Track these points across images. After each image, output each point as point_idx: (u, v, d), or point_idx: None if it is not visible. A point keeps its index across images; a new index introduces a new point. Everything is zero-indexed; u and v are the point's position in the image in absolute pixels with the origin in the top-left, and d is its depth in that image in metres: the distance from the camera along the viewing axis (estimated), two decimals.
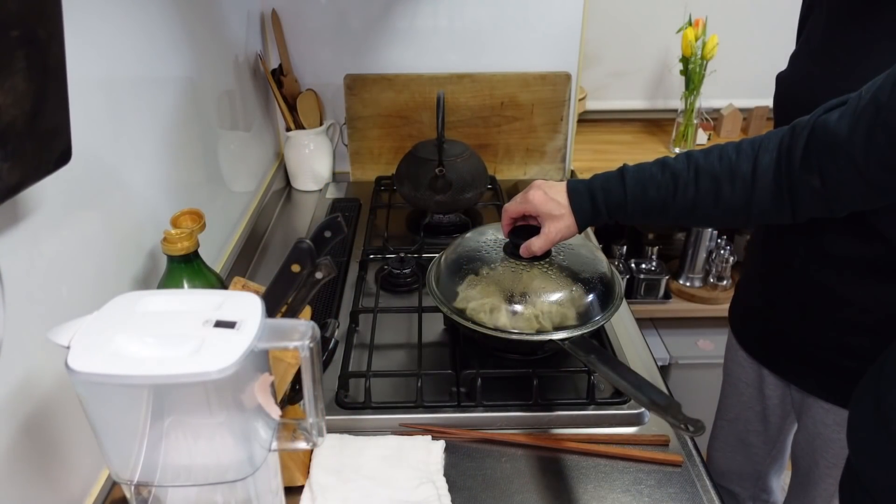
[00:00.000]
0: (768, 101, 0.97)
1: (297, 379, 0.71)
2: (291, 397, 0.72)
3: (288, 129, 1.51)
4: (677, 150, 1.80)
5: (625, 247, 1.94)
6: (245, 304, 0.54)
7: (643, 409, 0.86)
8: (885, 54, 0.78)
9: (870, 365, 0.80)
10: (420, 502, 0.71)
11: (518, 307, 0.89)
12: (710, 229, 1.82)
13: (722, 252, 1.85)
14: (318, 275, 0.65)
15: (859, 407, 0.77)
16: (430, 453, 0.78)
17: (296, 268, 0.64)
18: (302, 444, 0.60)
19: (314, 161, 1.55)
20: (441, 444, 0.80)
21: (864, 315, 0.88)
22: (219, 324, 0.52)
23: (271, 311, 0.63)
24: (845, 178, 0.68)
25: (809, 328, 0.95)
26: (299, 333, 0.54)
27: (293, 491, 0.73)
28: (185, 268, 0.81)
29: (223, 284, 0.88)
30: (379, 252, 1.23)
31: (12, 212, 0.60)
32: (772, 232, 0.99)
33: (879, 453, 0.71)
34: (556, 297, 0.90)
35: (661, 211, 0.79)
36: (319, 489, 0.73)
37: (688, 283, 1.90)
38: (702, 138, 1.84)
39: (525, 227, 0.89)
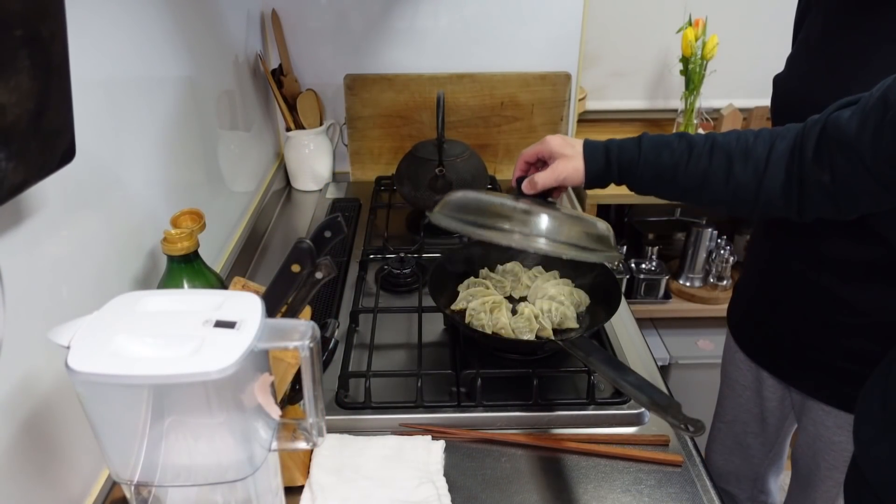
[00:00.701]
0: (768, 101, 0.97)
1: (297, 379, 0.71)
2: (291, 397, 0.72)
3: (288, 129, 1.52)
4: None
5: (625, 247, 1.94)
6: (245, 304, 0.54)
7: (643, 409, 0.86)
8: (886, 58, 0.77)
9: (870, 367, 0.80)
10: (420, 502, 0.71)
11: (518, 306, 0.89)
12: (709, 229, 1.82)
13: (722, 252, 1.85)
14: (318, 275, 0.65)
15: (866, 406, 0.77)
16: (430, 453, 0.78)
17: (296, 268, 0.64)
18: (302, 444, 0.60)
19: (314, 161, 1.55)
20: (441, 444, 0.80)
21: (864, 318, 0.88)
22: (219, 324, 0.52)
23: (271, 311, 0.63)
24: (854, 174, 0.68)
25: (808, 330, 0.95)
26: (299, 333, 0.54)
27: (293, 491, 0.73)
28: (185, 268, 0.81)
29: (223, 284, 0.88)
30: (379, 252, 1.23)
31: (13, 212, 0.60)
32: (772, 233, 0.99)
33: (886, 453, 0.71)
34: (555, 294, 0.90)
35: (672, 179, 0.78)
36: (319, 489, 0.73)
37: (688, 283, 1.90)
38: None
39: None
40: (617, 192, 1.06)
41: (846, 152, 0.67)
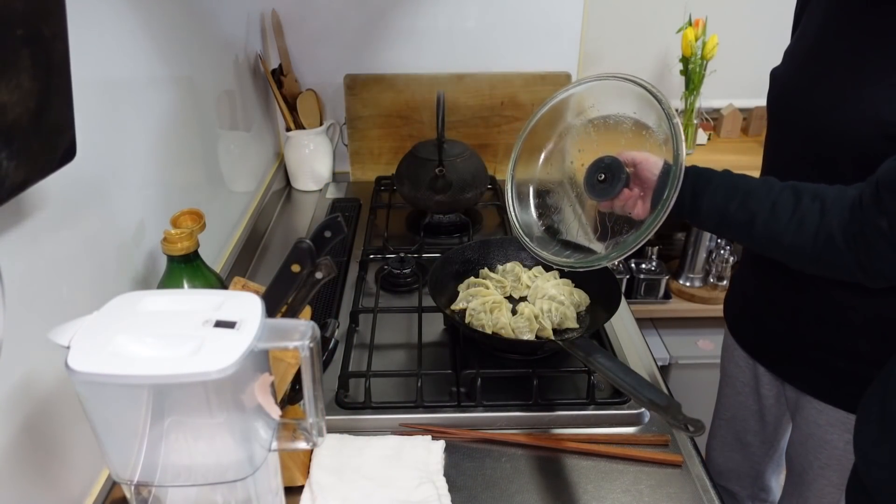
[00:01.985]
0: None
1: (297, 379, 0.71)
2: (291, 397, 0.72)
3: (288, 129, 1.52)
4: None
5: None
6: (245, 304, 0.54)
7: (643, 409, 0.86)
8: (882, 58, 0.77)
9: (863, 365, 0.80)
10: (420, 502, 0.71)
11: (518, 306, 0.89)
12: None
13: (722, 252, 1.85)
14: (318, 275, 0.65)
15: (865, 413, 0.77)
16: (430, 453, 0.78)
17: (296, 268, 0.64)
18: (302, 444, 0.60)
19: (314, 161, 1.55)
20: (441, 444, 0.80)
21: (857, 318, 0.87)
22: (219, 324, 0.52)
23: (271, 311, 0.63)
24: None
25: (802, 328, 0.95)
26: (299, 333, 0.54)
27: (293, 491, 0.73)
28: (185, 268, 0.81)
29: (223, 284, 0.88)
30: (379, 252, 1.23)
31: (12, 212, 0.60)
32: None
33: (884, 460, 0.71)
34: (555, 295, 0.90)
35: (744, 198, 0.79)
36: (319, 489, 0.73)
37: (688, 283, 1.90)
38: (702, 138, 1.84)
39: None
40: None
41: (894, 194, 0.68)
